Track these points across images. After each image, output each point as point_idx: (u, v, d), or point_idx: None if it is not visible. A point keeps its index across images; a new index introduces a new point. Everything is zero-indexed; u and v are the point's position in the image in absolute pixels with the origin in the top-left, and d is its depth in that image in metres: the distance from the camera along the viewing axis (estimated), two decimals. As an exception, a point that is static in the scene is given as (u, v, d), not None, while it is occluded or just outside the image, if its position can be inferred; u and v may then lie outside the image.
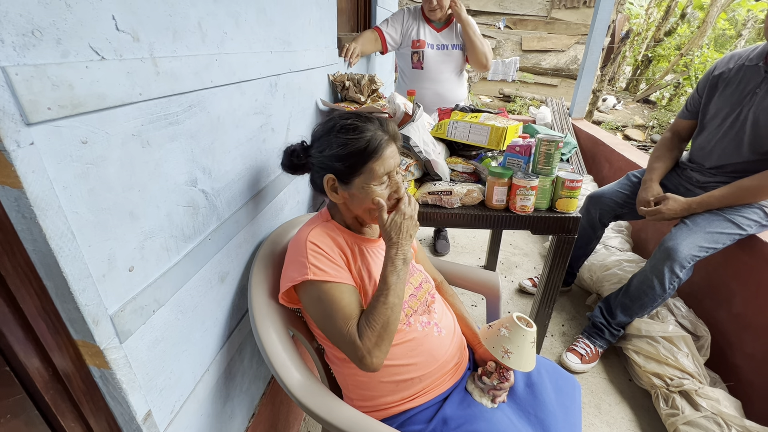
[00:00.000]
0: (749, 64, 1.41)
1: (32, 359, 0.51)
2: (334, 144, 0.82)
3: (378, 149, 0.81)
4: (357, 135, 0.81)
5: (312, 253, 0.80)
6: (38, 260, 0.46)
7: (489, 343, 0.88)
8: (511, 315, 0.88)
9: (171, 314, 0.68)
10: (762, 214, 1.41)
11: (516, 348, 0.85)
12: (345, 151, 0.81)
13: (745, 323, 1.48)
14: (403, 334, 0.86)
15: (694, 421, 1.29)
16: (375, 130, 0.82)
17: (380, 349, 0.75)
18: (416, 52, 2.01)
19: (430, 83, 2.06)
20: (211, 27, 0.72)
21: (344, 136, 0.81)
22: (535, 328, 0.86)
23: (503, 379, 0.89)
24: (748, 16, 7.38)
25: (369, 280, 0.87)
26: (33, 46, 0.42)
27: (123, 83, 0.53)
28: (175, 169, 0.66)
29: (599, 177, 2.84)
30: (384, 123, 0.85)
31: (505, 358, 0.85)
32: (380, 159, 0.81)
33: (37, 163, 0.43)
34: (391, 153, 0.83)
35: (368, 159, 0.80)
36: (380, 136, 0.82)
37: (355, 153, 0.80)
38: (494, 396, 0.88)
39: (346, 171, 0.82)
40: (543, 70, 6.85)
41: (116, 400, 0.59)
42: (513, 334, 0.85)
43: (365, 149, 0.80)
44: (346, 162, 0.81)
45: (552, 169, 1.25)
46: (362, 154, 0.80)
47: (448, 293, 1.11)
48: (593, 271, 2.01)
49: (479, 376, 0.91)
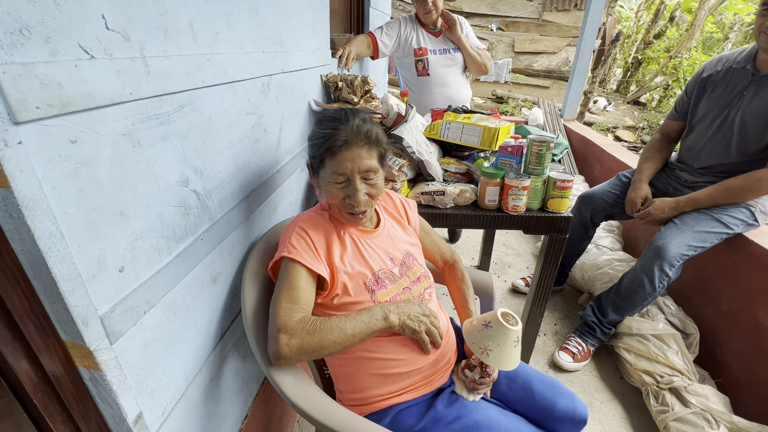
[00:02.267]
0: (737, 66, 1.44)
1: (20, 361, 0.50)
2: (312, 133, 0.88)
3: (333, 147, 0.81)
4: (323, 128, 0.84)
5: (296, 234, 0.85)
6: (26, 261, 0.46)
7: (470, 338, 0.86)
8: (496, 311, 0.84)
9: (162, 315, 0.68)
10: (748, 214, 1.44)
11: (497, 346, 0.81)
12: (311, 142, 0.87)
13: (733, 321, 1.51)
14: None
15: (684, 417, 1.31)
16: (342, 128, 0.82)
17: (296, 353, 0.74)
18: (420, 60, 2.03)
19: (439, 88, 2.09)
20: (202, 27, 0.72)
21: (317, 126, 0.87)
22: (519, 326, 0.83)
23: (485, 374, 0.87)
24: (735, 20, 7.51)
25: (352, 270, 0.86)
26: (21, 45, 0.41)
27: (113, 82, 0.52)
28: (167, 169, 0.66)
29: (590, 177, 2.88)
30: (355, 125, 0.83)
31: (484, 356, 0.82)
32: (335, 158, 0.82)
33: (25, 163, 0.42)
34: (351, 156, 0.81)
35: (324, 154, 0.83)
36: (342, 135, 0.81)
37: (316, 145, 0.85)
38: (474, 389, 0.87)
39: (311, 158, 0.89)
40: (535, 71, 6.90)
41: (106, 402, 0.58)
42: (495, 331, 0.82)
43: (322, 144, 0.83)
44: (310, 150, 0.88)
45: (543, 169, 1.26)
46: (320, 148, 0.83)
47: (458, 276, 1.09)
48: (585, 271, 2.04)
49: (463, 369, 0.90)
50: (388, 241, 0.95)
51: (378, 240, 0.94)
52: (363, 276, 0.87)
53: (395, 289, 0.89)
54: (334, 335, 0.76)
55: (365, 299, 0.85)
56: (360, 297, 0.85)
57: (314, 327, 0.76)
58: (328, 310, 0.86)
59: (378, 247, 0.93)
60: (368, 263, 0.89)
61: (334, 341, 0.76)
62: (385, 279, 0.89)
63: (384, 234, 0.96)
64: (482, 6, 6.72)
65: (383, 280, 0.89)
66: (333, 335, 0.76)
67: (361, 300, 0.85)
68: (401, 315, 0.83)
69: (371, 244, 0.92)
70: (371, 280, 0.87)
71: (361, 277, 0.87)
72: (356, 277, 0.86)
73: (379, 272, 0.89)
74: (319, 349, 0.76)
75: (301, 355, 0.75)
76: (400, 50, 2.05)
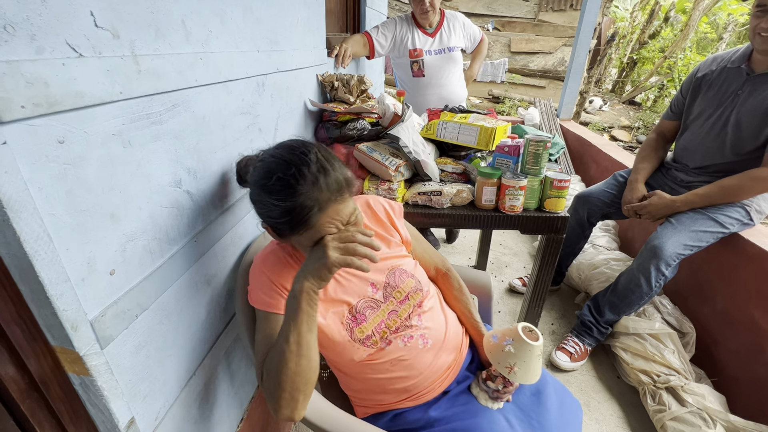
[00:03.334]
0: (731, 66, 1.44)
1: (7, 367, 0.49)
2: (264, 205, 0.70)
3: (306, 220, 0.66)
4: (280, 200, 0.66)
5: (262, 285, 0.77)
6: (12, 264, 0.45)
7: (494, 358, 0.84)
8: (516, 327, 0.82)
9: (155, 318, 0.67)
10: (744, 213, 1.45)
11: (522, 363, 0.80)
12: (259, 208, 0.71)
13: (729, 320, 1.51)
14: (382, 354, 0.82)
15: (681, 416, 1.31)
16: (305, 192, 0.65)
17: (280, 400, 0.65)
18: (416, 61, 2.03)
19: (433, 89, 2.09)
20: (195, 25, 0.70)
21: (269, 197, 0.67)
22: (541, 340, 0.82)
23: (508, 383, 0.86)
24: (729, 20, 7.57)
25: (324, 310, 0.80)
26: (5, 42, 0.40)
27: (102, 81, 0.51)
28: (159, 169, 0.65)
29: (587, 177, 2.88)
30: (320, 182, 0.66)
31: (511, 374, 0.81)
32: (313, 228, 0.67)
33: (10, 163, 0.41)
34: (330, 217, 0.67)
35: (297, 229, 0.68)
36: (310, 202, 0.65)
37: (280, 223, 0.68)
38: (498, 398, 0.86)
39: (282, 230, 0.71)
40: (531, 71, 6.92)
41: (97, 408, 0.57)
42: (518, 349, 0.80)
43: (289, 221, 0.67)
44: (268, 222, 0.72)
45: (540, 169, 1.26)
46: (289, 225, 0.68)
47: (454, 286, 1.01)
48: (582, 270, 2.04)
49: (484, 380, 0.88)
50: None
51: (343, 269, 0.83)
52: (339, 314, 0.80)
53: (379, 317, 0.83)
54: (283, 360, 0.65)
55: (343, 340, 0.79)
56: (337, 338, 0.79)
57: (266, 374, 0.68)
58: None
59: (354, 275, 0.84)
60: (344, 299, 0.81)
61: (291, 367, 0.65)
62: (366, 310, 0.82)
63: None
64: (478, 6, 6.72)
65: (362, 313, 0.82)
66: (282, 361, 0.65)
67: (339, 340, 0.79)
68: (300, 280, 0.67)
69: (346, 274, 0.84)
70: (348, 317, 0.81)
71: (336, 315, 0.80)
72: (331, 315, 0.80)
73: (358, 304, 0.82)
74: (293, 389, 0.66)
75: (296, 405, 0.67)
76: (396, 50, 2.04)
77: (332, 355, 0.84)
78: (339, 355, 0.82)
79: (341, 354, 0.81)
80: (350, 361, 0.81)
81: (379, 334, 0.82)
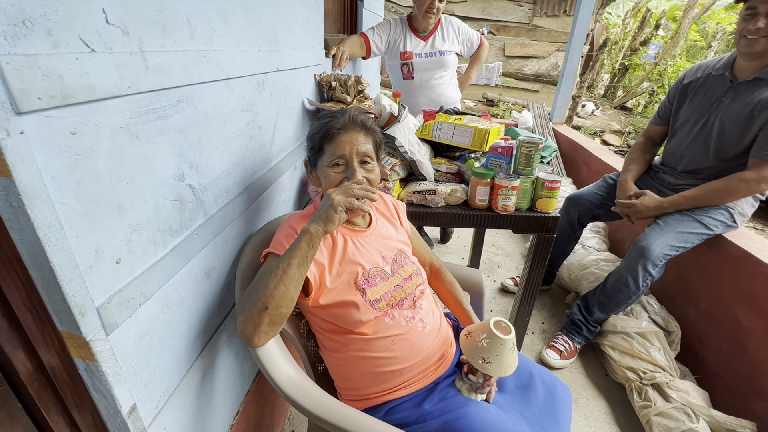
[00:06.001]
0: (716, 73, 1.49)
1: (16, 351, 0.51)
2: (310, 129, 0.95)
3: (330, 131, 0.89)
4: (321, 120, 0.92)
5: (285, 233, 0.86)
6: (25, 250, 0.46)
7: (469, 354, 0.87)
8: (488, 322, 0.85)
9: (157, 308, 0.68)
10: (728, 215, 1.50)
11: (495, 357, 0.83)
12: (310, 134, 0.95)
13: (712, 319, 1.56)
14: (385, 327, 0.87)
15: (665, 412, 1.36)
16: (340, 117, 0.91)
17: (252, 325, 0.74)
18: (405, 64, 2.05)
19: (423, 91, 2.11)
20: (199, 23, 0.72)
21: (315, 121, 0.95)
22: (513, 333, 0.84)
23: (487, 377, 0.89)
24: (717, 29, 7.74)
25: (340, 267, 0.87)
26: (24, 36, 0.42)
27: (112, 76, 0.53)
28: (163, 163, 0.67)
29: (578, 179, 2.93)
30: (352, 115, 0.92)
31: (486, 367, 0.83)
32: (333, 142, 0.89)
33: (27, 152, 0.43)
34: (349, 139, 0.89)
35: (323, 140, 0.90)
36: (340, 121, 0.90)
37: (314, 135, 0.92)
38: (482, 392, 0.89)
39: (310, 152, 0.95)
40: (525, 75, 7.01)
41: (101, 394, 0.59)
42: (491, 343, 0.83)
43: (320, 131, 0.90)
44: (309, 143, 0.95)
45: (532, 170, 1.29)
46: (318, 135, 0.91)
47: (446, 280, 1.11)
48: (572, 270, 2.08)
49: (466, 374, 0.91)
50: (379, 240, 0.96)
51: (369, 238, 0.95)
52: (353, 274, 0.87)
53: (386, 287, 0.90)
54: (267, 280, 0.74)
55: (355, 299, 0.85)
56: (349, 296, 0.85)
57: (247, 292, 0.77)
58: (320, 315, 0.88)
59: (369, 245, 0.94)
60: (359, 261, 0.89)
61: (270, 287, 0.73)
62: (376, 277, 0.90)
63: (375, 233, 0.97)
64: (473, 10, 6.80)
65: (374, 278, 0.89)
66: (265, 282, 0.74)
67: (351, 299, 0.85)
68: (315, 220, 0.79)
69: (363, 242, 0.93)
70: (362, 278, 0.87)
71: (351, 275, 0.87)
72: (345, 275, 0.87)
73: (370, 270, 0.90)
74: (263, 307, 0.73)
75: (258, 326, 0.74)
76: (389, 52, 2.07)
77: (341, 322, 0.86)
78: (348, 319, 0.85)
79: (351, 316, 0.85)
80: (357, 323, 0.85)
81: (386, 300, 0.89)
